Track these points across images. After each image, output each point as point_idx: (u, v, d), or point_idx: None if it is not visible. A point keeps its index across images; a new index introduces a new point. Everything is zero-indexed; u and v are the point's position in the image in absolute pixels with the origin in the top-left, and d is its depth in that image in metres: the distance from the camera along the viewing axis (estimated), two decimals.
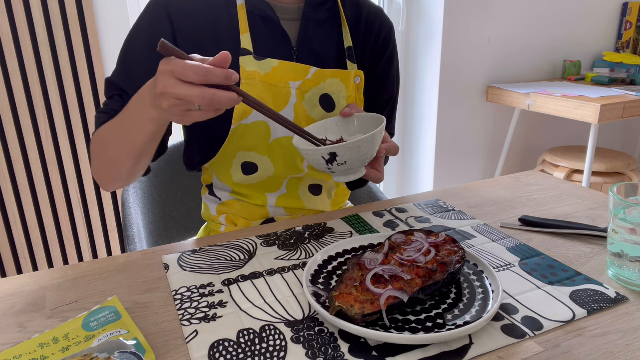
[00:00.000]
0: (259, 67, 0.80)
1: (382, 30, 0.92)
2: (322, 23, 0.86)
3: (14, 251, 1.79)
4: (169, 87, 0.57)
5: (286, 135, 0.84)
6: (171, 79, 0.57)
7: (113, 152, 0.75)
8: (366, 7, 0.91)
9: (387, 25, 0.93)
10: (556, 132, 2.54)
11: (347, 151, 0.68)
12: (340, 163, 0.70)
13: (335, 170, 0.72)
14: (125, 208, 1.01)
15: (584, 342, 0.51)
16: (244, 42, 0.80)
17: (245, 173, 0.86)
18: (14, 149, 1.68)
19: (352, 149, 0.68)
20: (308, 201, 0.93)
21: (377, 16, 0.92)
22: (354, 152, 0.69)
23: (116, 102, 0.80)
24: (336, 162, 0.69)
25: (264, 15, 0.82)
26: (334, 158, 0.69)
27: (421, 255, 0.60)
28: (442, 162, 2.23)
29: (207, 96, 0.56)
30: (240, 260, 0.68)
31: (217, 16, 0.81)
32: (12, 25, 1.57)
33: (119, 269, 0.67)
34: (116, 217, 1.89)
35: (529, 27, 2.27)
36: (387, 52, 0.93)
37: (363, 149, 0.69)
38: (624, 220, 0.60)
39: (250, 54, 0.80)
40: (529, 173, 1.04)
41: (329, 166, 0.71)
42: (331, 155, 0.69)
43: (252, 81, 0.79)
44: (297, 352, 0.50)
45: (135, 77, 0.80)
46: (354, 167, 0.72)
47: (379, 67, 0.93)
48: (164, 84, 0.57)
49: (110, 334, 0.51)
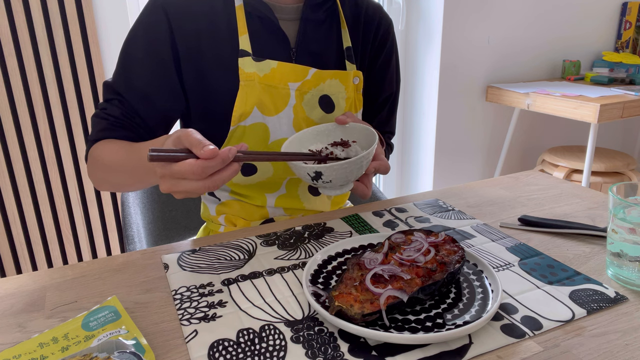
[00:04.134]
0: (258, 69, 0.80)
1: (380, 26, 0.92)
2: (320, 23, 0.86)
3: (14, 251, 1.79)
4: (174, 186, 0.58)
5: (285, 137, 0.84)
6: (172, 180, 0.58)
7: (116, 178, 0.78)
8: (364, 4, 0.91)
9: (386, 21, 0.93)
10: (555, 131, 2.54)
11: (333, 172, 0.69)
12: (326, 181, 0.70)
13: (320, 186, 0.73)
14: (124, 208, 1.01)
15: (584, 342, 0.51)
16: (242, 43, 0.80)
17: (245, 174, 0.86)
18: (13, 149, 1.68)
19: (339, 170, 0.69)
20: (307, 201, 0.93)
21: (375, 12, 0.92)
22: (340, 172, 0.69)
23: (115, 108, 0.80)
24: (322, 179, 0.70)
25: (262, 15, 0.81)
26: (319, 176, 0.69)
27: (421, 255, 0.60)
28: (442, 161, 2.23)
29: (212, 185, 0.58)
30: (239, 260, 0.68)
31: (216, 17, 0.81)
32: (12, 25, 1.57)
33: (119, 269, 0.67)
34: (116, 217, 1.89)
35: (528, 27, 2.27)
36: (385, 47, 0.93)
37: (349, 170, 0.70)
38: (623, 219, 0.60)
39: (249, 55, 0.80)
40: (528, 173, 1.04)
41: (315, 182, 0.71)
42: (316, 174, 0.69)
43: (251, 83, 0.79)
44: (297, 351, 0.50)
45: (135, 84, 0.80)
46: (340, 184, 0.73)
47: (378, 63, 0.93)
48: (168, 187, 0.59)
49: (110, 333, 0.51)
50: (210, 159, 0.56)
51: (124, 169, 0.75)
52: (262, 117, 0.81)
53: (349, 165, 0.69)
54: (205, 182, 0.57)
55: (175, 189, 0.58)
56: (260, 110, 0.81)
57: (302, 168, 0.69)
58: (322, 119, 0.86)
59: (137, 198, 1.07)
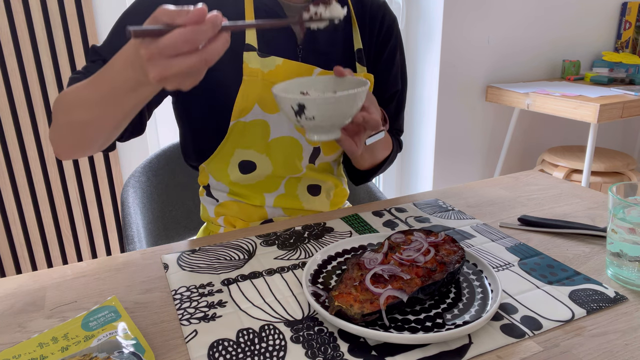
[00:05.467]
0: (262, 65, 0.79)
1: (384, 21, 0.91)
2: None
3: (13, 251, 1.79)
4: (166, 69, 0.51)
5: (286, 135, 0.83)
6: (162, 61, 0.51)
7: (82, 114, 0.67)
8: (369, 1, 0.91)
9: (390, 17, 0.92)
10: (555, 131, 2.54)
11: (317, 106, 0.65)
12: (309, 117, 0.66)
13: (304, 125, 0.68)
14: (124, 207, 1.00)
15: (583, 342, 0.51)
16: (248, 37, 0.79)
17: (243, 172, 0.85)
18: (13, 149, 1.68)
19: (322, 105, 0.65)
20: (307, 201, 0.92)
21: (380, 8, 0.91)
22: (324, 108, 0.65)
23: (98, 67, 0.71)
24: (304, 114, 0.65)
25: (271, 11, 0.81)
26: (302, 110, 0.65)
27: (420, 255, 0.60)
28: (442, 161, 2.24)
29: (208, 57, 0.52)
30: (239, 260, 0.68)
31: (223, 7, 0.79)
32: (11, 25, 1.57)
33: (118, 269, 0.67)
34: (115, 217, 1.89)
35: (528, 27, 2.27)
36: (389, 44, 0.92)
37: (334, 107, 0.66)
38: (623, 219, 0.60)
39: (254, 50, 0.79)
40: (528, 173, 1.04)
41: (298, 118, 0.67)
42: (299, 107, 0.65)
43: (254, 79, 0.79)
44: (297, 351, 0.50)
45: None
46: (324, 126, 0.68)
47: (382, 59, 0.92)
48: (159, 71, 0.51)
49: (110, 333, 0.51)
50: (200, 22, 0.50)
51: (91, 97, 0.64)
52: (263, 114, 0.81)
53: (335, 101, 0.65)
54: (201, 55, 0.51)
55: (168, 72, 0.51)
56: (261, 107, 0.80)
57: (287, 99, 0.65)
58: None
59: (137, 198, 1.07)
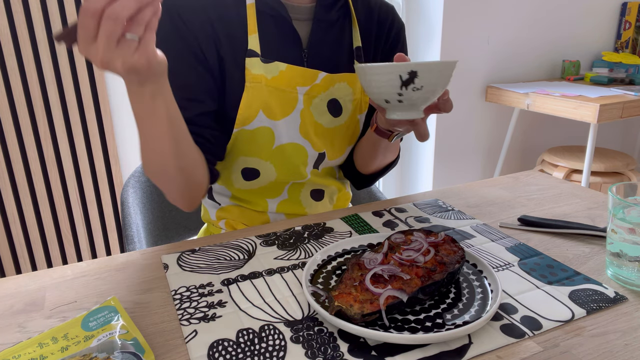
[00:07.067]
0: (266, 71, 0.78)
1: (392, 27, 0.90)
2: (333, 24, 0.85)
3: (13, 251, 1.79)
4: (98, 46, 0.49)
5: (291, 142, 0.83)
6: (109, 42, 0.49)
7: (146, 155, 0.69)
8: (377, 5, 0.90)
9: (399, 23, 0.92)
10: (555, 131, 2.54)
11: (429, 73, 0.61)
12: (417, 87, 0.62)
13: (404, 98, 0.64)
14: (124, 208, 1.00)
15: (583, 342, 0.51)
16: (251, 43, 0.77)
17: (247, 178, 0.85)
18: (13, 149, 1.68)
19: (434, 71, 0.61)
20: (309, 207, 0.92)
21: (388, 13, 0.90)
22: (434, 76, 0.62)
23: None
24: (413, 84, 0.62)
25: (276, 14, 0.79)
26: (412, 79, 0.61)
27: (420, 255, 0.60)
28: (442, 161, 2.24)
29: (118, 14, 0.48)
30: (239, 260, 0.68)
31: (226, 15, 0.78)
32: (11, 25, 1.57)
33: (118, 269, 0.67)
34: (115, 217, 1.89)
35: (528, 27, 2.27)
36: (396, 50, 0.92)
37: (442, 75, 0.63)
38: (622, 219, 0.60)
39: (257, 55, 0.77)
40: (528, 173, 1.04)
41: (401, 90, 0.62)
42: (410, 75, 0.61)
43: (257, 85, 0.77)
44: (297, 351, 0.50)
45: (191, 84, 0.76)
46: (422, 98, 0.64)
47: None
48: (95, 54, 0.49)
49: (110, 333, 0.51)
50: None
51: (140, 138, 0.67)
52: (268, 121, 0.80)
53: (444, 68, 0.62)
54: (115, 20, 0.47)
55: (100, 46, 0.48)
56: (265, 113, 0.79)
57: (395, 67, 0.61)
58: (331, 123, 0.85)
59: (137, 198, 1.06)
